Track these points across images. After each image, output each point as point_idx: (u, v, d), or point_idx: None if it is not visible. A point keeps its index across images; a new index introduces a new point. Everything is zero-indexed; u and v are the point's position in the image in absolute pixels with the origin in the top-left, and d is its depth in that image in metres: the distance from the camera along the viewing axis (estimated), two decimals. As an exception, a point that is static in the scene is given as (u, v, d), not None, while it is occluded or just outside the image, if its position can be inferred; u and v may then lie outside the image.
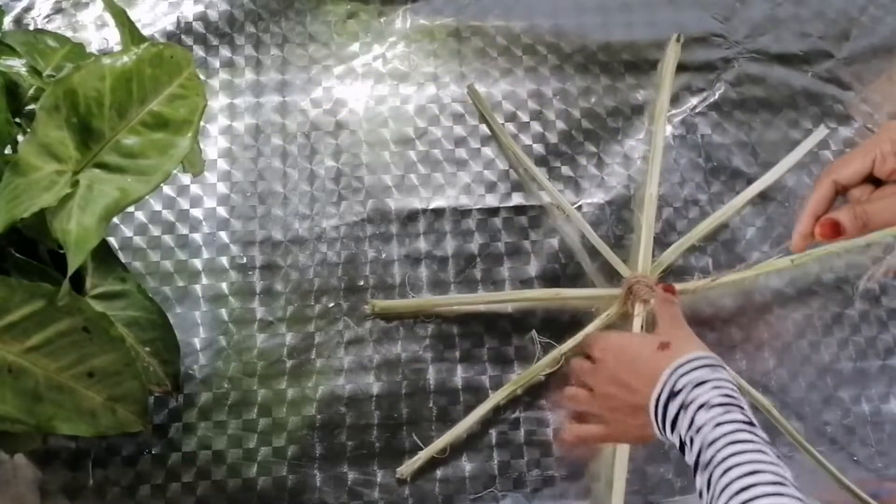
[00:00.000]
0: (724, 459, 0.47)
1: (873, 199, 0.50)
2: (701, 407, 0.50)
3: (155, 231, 0.84)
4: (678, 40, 0.93)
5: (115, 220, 0.84)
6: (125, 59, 0.54)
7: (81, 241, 0.50)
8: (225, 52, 0.93)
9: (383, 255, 0.84)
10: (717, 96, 0.93)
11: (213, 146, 0.88)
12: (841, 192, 0.52)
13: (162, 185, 0.62)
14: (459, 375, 0.80)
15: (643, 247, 0.82)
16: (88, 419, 0.55)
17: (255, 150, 0.89)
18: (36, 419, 0.52)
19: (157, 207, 0.85)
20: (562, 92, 0.92)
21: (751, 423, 0.49)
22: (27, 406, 0.52)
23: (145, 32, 0.91)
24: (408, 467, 0.76)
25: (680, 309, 0.64)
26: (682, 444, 0.51)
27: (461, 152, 0.89)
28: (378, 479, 0.77)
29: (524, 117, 0.91)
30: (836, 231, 0.50)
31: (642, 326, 0.77)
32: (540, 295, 0.83)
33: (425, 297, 0.83)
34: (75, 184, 0.51)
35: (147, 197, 0.61)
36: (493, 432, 0.79)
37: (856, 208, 0.50)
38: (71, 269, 0.49)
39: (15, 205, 0.49)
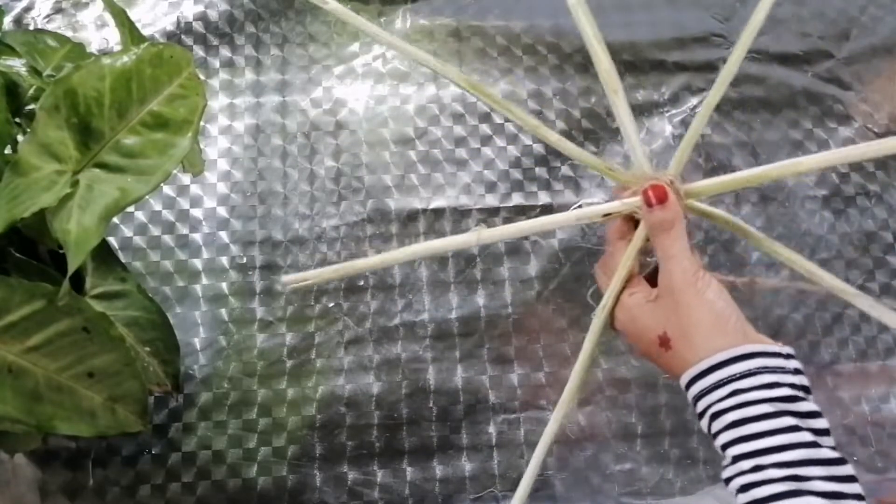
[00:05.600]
0: None
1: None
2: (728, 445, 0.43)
3: (155, 231, 0.84)
4: None
5: (115, 220, 0.84)
6: (125, 59, 0.54)
7: (81, 241, 0.50)
8: (225, 52, 0.93)
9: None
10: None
11: (213, 146, 0.88)
12: None
13: (162, 185, 0.62)
14: (459, 375, 0.80)
15: (682, 148, 0.54)
16: (88, 419, 0.55)
17: (255, 150, 0.88)
18: (36, 419, 0.52)
19: (157, 207, 0.85)
20: (562, 92, 0.92)
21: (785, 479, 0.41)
22: (27, 406, 0.52)
23: (145, 32, 0.91)
24: (294, 279, 0.51)
25: (685, 235, 0.50)
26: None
27: (461, 152, 0.89)
28: (378, 479, 0.77)
29: (524, 117, 0.91)
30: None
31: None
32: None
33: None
34: (75, 184, 0.51)
35: (147, 197, 0.61)
36: (493, 432, 0.79)
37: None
38: (71, 269, 0.49)
39: (15, 205, 0.49)
